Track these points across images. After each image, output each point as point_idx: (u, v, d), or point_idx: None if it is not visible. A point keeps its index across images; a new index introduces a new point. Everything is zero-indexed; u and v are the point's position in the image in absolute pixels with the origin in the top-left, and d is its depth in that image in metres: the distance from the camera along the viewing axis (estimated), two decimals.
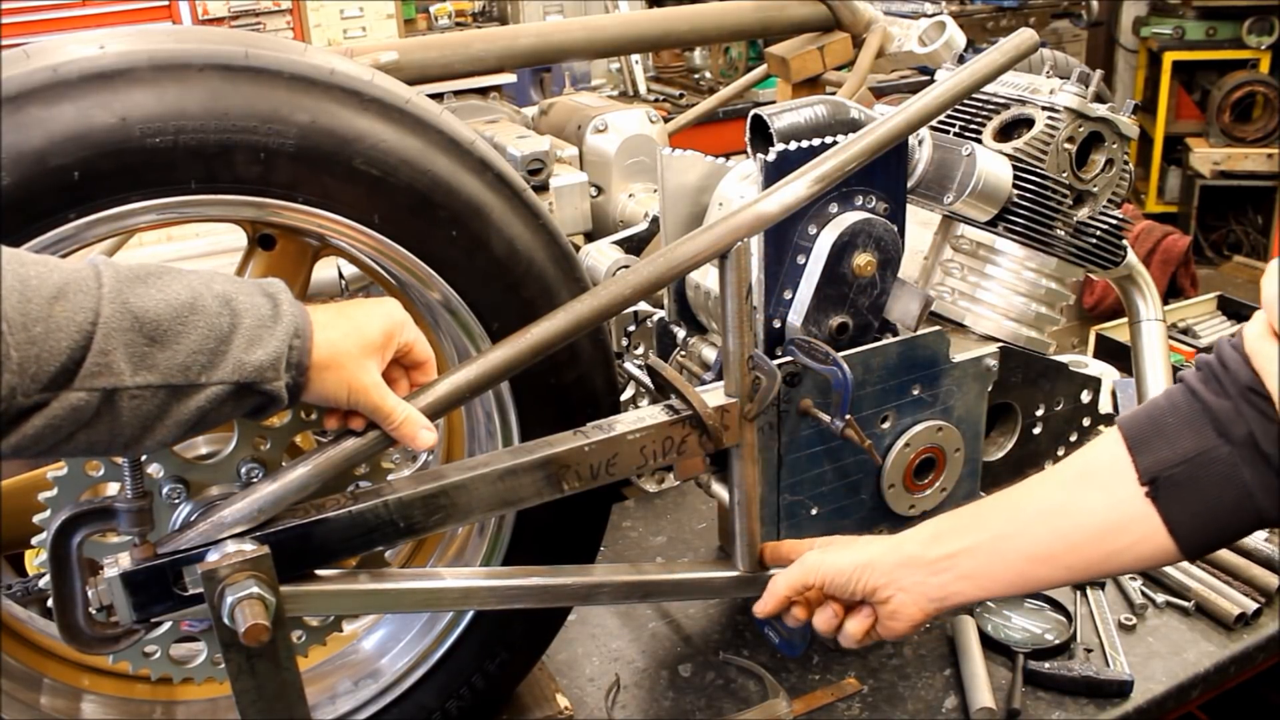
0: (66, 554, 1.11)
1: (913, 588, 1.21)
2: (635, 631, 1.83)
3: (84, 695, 1.43)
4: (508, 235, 1.30)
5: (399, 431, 1.12)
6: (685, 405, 1.29)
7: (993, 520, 1.19)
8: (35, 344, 0.87)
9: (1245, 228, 5.63)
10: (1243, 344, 1.00)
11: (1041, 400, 1.70)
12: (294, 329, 1.02)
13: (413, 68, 2.09)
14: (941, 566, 1.19)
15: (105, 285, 0.92)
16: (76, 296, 0.90)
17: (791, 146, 1.40)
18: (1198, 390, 1.04)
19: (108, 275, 0.93)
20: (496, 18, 5.68)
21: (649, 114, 2.19)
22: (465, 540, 1.53)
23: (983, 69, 1.39)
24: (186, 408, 0.96)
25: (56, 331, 0.88)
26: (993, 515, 1.19)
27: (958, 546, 1.19)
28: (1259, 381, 0.98)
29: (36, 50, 1.14)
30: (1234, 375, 1.00)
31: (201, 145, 1.13)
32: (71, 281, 0.91)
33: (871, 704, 1.64)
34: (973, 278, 1.68)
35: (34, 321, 0.87)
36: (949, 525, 1.23)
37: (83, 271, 0.93)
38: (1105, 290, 4.12)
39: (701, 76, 5.23)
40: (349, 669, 1.52)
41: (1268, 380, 0.96)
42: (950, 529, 1.22)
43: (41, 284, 0.89)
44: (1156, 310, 1.86)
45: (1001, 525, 1.17)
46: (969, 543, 1.18)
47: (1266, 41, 5.42)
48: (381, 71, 1.29)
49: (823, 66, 2.46)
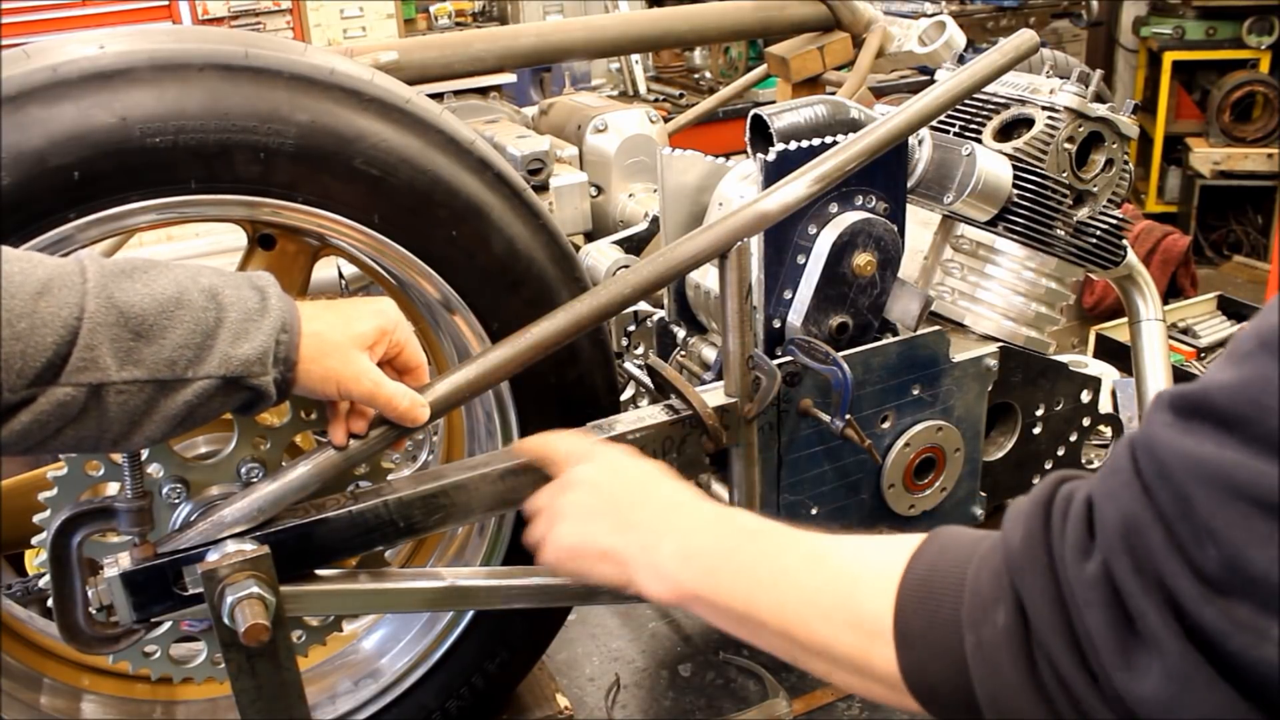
0: (66, 554, 1.11)
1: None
2: (635, 631, 1.83)
3: (84, 695, 1.43)
4: (508, 235, 1.30)
5: (400, 414, 1.10)
6: (685, 405, 1.30)
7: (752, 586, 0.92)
8: (20, 340, 0.86)
9: (1245, 228, 5.63)
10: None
11: (1041, 400, 1.70)
12: (281, 323, 1.01)
13: (413, 68, 2.09)
14: (675, 582, 0.97)
15: (90, 280, 0.92)
16: (61, 292, 0.90)
17: (791, 146, 1.40)
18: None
19: (92, 270, 0.93)
20: (496, 18, 5.67)
21: (649, 114, 2.19)
22: (465, 540, 1.53)
23: (983, 69, 1.39)
24: (174, 403, 0.96)
25: (41, 327, 0.88)
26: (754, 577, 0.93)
27: (699, 586, 0.95)
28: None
29: (36, 50, 1.14)
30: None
31: (201, 145, 1.13)
32: (56, 277, 0.91)
33: (871, 704, 1.64)
34: (973, 278, 1.68)
35: (18, 317, 0.87)
36: (703, 561, 0.96)
37: (67, 267, 0.92)
38: (1105, 290, 4.12)
39: (701, 76, 5.23)
40: (349, 669, 1.52)
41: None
42: (703, 566, 0.96)
43: (25, 280, 0.88)
44: (1156, 310, 1.86)
45: (754, 596, 0.91)
46: (711, 589, 0.94)
47: (1266, 41, 5.42)
48: (381, 71, 1.29)
49: (823, 66, 2.46)
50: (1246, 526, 0.55)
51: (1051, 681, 0.65)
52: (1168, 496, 0.59)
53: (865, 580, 0.82)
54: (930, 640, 0.76)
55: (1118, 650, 0.61)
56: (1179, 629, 0.58)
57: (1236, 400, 0.57)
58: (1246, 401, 0.57)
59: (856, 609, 0.82)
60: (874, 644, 0.80)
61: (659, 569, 0.98)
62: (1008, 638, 0.67)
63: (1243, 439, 0.56)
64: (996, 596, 0.69)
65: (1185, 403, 0.60)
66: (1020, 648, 0.67)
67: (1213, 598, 0.57)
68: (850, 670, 0.84)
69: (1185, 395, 0.61)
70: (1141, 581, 0.60)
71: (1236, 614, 0.56)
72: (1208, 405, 0.59)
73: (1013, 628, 0.67)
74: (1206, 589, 0.57)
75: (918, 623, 0.77)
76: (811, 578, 0.87)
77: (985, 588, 0.71)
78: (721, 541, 0.96)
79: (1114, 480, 0.63)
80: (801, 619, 0.86)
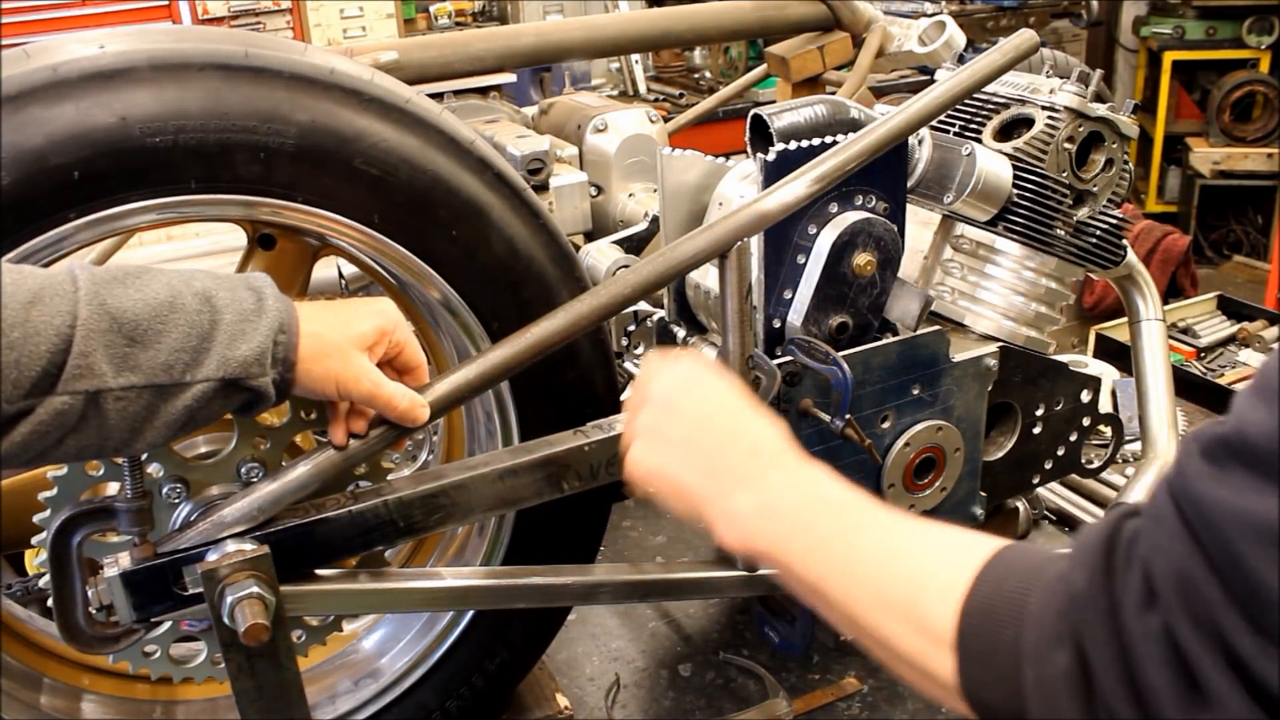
0: (66, 554, 1.11)
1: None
2: (635, 631, 1.83)
3: (84, 695, 1.43)
4: (508, 235, 1.30)
5: (399, 414, 1.10)
6: None
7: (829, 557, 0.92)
8: (13, 349, 0.86)
9: (1245, 227, 5.63)
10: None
11: (1041, 400, 1.70)
12: (279, 323, 1.01)
13: (413, 68, 2.09)
14: (749, 538, 0.97)
15: (81, 288, 0.92)
16: (53, 300, 0.90)
17: (791, 146, 1.40)
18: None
19: (84, 278, 0.93)
20: (496, 18, 5.67)
21: (649, 114, 2.19)
22: (465, 540, 1.53)
23: (983, 69, 1.39)
24: (174, 407, 0.96)
25: (34, 336, 0.88)
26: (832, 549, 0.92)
27: (772, 548, 0.95)
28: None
29: (36, 50, 1.14)
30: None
31: (201, 145, 1.13)
32: (47, 286, 0.91)
33: (871, 704, 1.64)
34: (973, 277, 1.68)
35: (11, 327, 0.86)
36: (779, 525, 0.95)
37: (58, 276, 0.92)
38: (1105, 290, 4.12)
39: (701, 76, 5.23)
40: (349, 669, 1.52)
41: None
42: (778, 530, 0.95)
43: (16, 290, 0.88)
44: (1156, 310, 1.86)
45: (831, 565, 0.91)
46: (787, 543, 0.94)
47: (1266, 41, 5.42)
48: (381, 71, 1.29)
49: (823, 66, 2.46)
50: None
51: None
52: (1218, 549, 0.58)
53: (933, 588, 0.82)
54: (990, 664, 0.76)
55: (1179, 705, 0.60)
56: (1240, 683, 0.58)
57: (1273, 442, 0.56)
58: None
59: (922, 614, 0.82)
60: (936, 650, 0.80)
61: (734, 520, 0.97)
62: (1068, 681, 0.67)
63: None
64: (1058, 636, 0.69)
65: (1221, 448, 0.59)
66: (1081, 692, 0.66)
67: (1272, 652, 0.56)
68: (910, 668, 0.85)
69: (1219, 439, 0.60)
70: (1201, 637, 0.59)
71: None
72: (1245, 450, 0.58)
73: (1074, 672, 0.67)
74: (1265, 642, 0.57)
75: (978, 644, 0.77)
76: (883, 570, 0.88)
77: (1048, 625, 0.70)
78: (800, 507, 0.95)
79: (1161, 533, 0.62)
80: (869, 610, 0.87)
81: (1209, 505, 0.59)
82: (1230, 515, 0.57)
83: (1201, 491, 0.59)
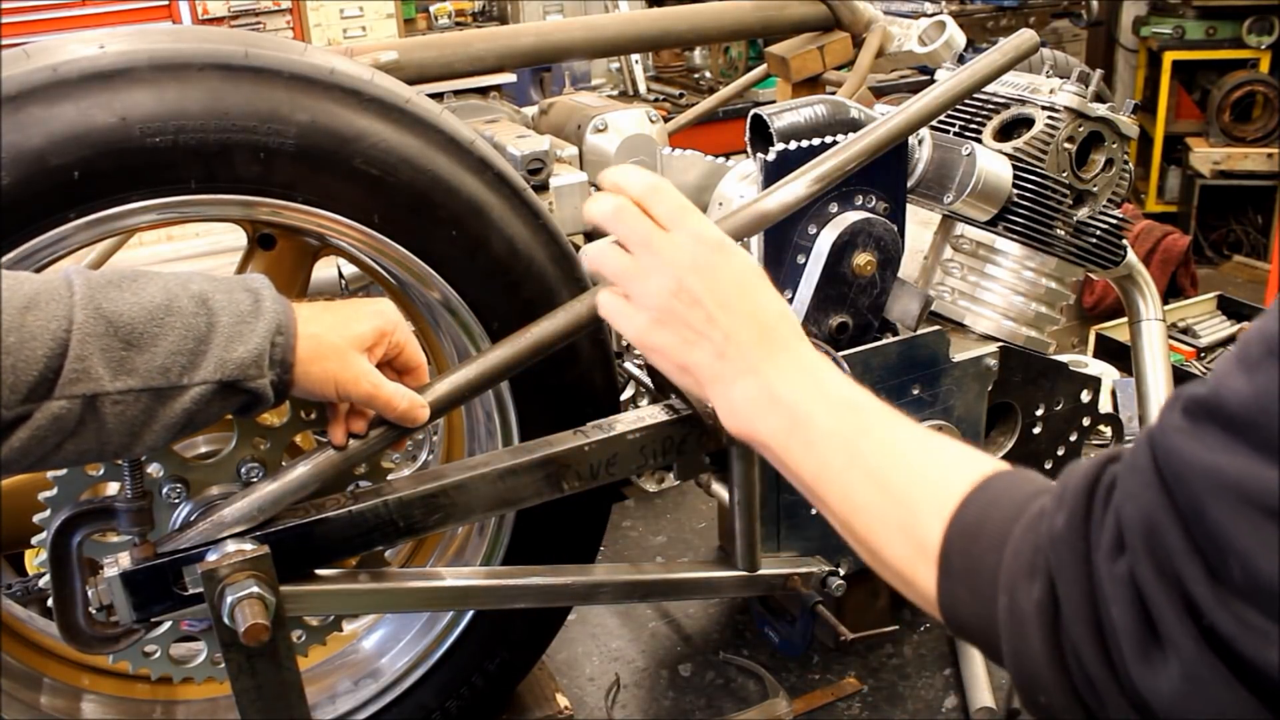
0: (66, 554, 1.11)
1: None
2: (635, 631, 1.83)
3: (84, 695, 1.43)
4: (508, 235, 1.30)
5: (399, 415, 1.10)
6: (685, 405, 1.29)
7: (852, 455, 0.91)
8: (10, 354, 0.86)
9: (1245, 227, 5.63)
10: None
11: (1041, 400, 1.70)
12: (276, 325, 1.01)
13: (413, 68, 2.09)
14: (749, 425, 0.95)
15: (77, 292, 0.92)
16: (48, 305, 0.90)
17: (791, 146, 1.40)
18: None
19: (79, 283, 0.93)
20: (496, 18, 5.67)
21: (649, 114, 2.18)
22: (465, 540, 1.53)
23: (983, 69, 1.39)
24: (172, 410, 0.96)
25: (30, 341, 0.88)
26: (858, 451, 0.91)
27: (771, 440, 0.95)
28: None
29: (36, 50, 1.14)
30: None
31: (201, 145, 1.13)
32: (43, 291, 0.91)
33: (871, 704, 1.64)
34: (973, 277, 1.68)
35: (7, 332, 0.87)
36: (780, 417, 0.94)
37: (53, 281, 0.92)
38: (1105, 290, 4.12)
39: (701, 76, 5.23)
40: (349, 669, 1.52)
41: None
42: (778, 423, 0.94)
43: (12, 296, 0.89)
44: (1156, 310, 1.86)
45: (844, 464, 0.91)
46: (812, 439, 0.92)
47: (1266, 41, 5.42)
48: (381, 71, 1.29)
49: (823, 66, 2.46)
50: (1256, 534, 0.57)
51: (1074, 663, 0.68)
52: (1184, 501, 0.61)
53: (926, 500, 0.84)
54: (968, 584, 0.79)
55: (1138, 647, 0.63)
56: (1196, 631, 0.60)
57: (1248, 408, 0.58)
58: (1258, 410, 0.58)
59: (913, 524, 0.84)
60: (920, 561, 0.83)
61: (735, 407, 0.96)
62: (1038, 612, 0.70)
63: (1252, 446, 0.58)
64: (1033, 569, 0.72)
65: (1199, 407, 0.62)
66: (1049, 625, 0.69)
67: (1227, 600, 0.58)
68: (895, 576, 0.87)
69: (1199, 399, 0.62)
70: (1162, 583, 0.62)
71: (1247, 617, 0.58)
72: (1220, 412, 0.60)
73: (1044, 604, 0.70)
74: (1221, 592, 0.59)
75: (960, 563, 0.80)
76: (881, 477, 0.89)
77: (1024, 557, 0.73)
78: (802, 401, 0.94)
79: (1135, 481, 0.65)
80: (861, 514, 0.89)
81: (1181, 459, 0.61)
82: (1199, 469, 0.60)
83: (1176, 445, 0.62)
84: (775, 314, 1.00)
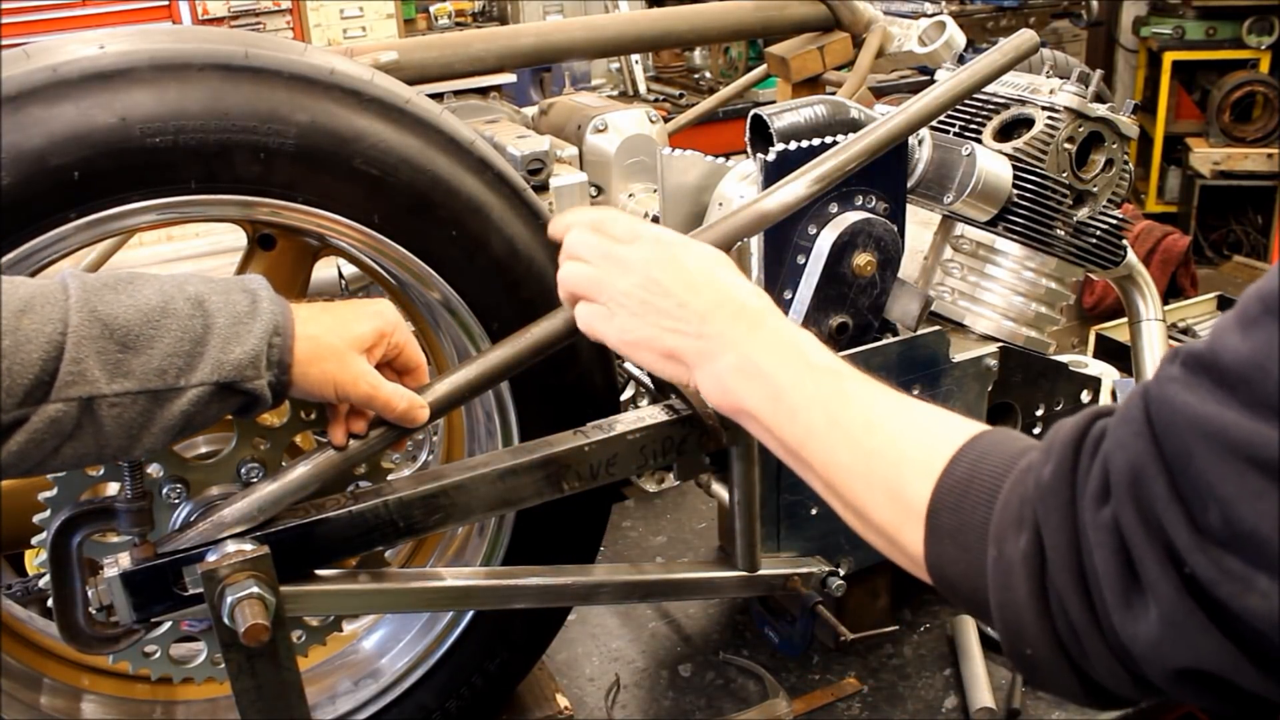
0: (66, 554, 1.11)
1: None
2: (635, 631, 1.83)
3: (84, 695, 1.43)
4: (508, 235, 1.30)
5: (398, 415, 1.10)
6: (685, 405, 1.30)
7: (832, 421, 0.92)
8: (5, 358, 0.87)
9: (1245, 228, 5.64)
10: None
11: (1041, 400, 1.70)
12: (273, 325, 1.01)
13: (413, 68, 2.09)
14: (734, 397, 0.97)
15: (72, 295, 0.92)
16: (44, 308, 0.90)
17: (791, 146, 1.40)
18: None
19: (74, 286, 0.93)
20: (496, 18, 5.68)
21: (649, 114, 2.18)
22: (465, 540, 1.53)
23: (983, 69, 1.39)
24: (170, 412, 0.96)
25: (26, 344, 0.88)
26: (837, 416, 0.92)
27: (756, 409, 0.96)
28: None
29: (36, 50, 1.14)
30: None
31: (201, 145, 1.13)
32: (38, 295, 0.91)
33: (871, 704, 1.64)
34: (973, 278, 1.68)
35: (1, 335, 0.87)
36: (762, 386, 0.96)
37: (48, 285, 0.93)
38: (1105, 290, 4.12)
39: (701, 76, 5.23)
40: (349, 669, 1.52)
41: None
42: (761, 391, 0.95)
43: (8, 299, 0.89)
44: (1156, 310, 1.86)
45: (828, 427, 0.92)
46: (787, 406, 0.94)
47: (1266, 41, 5.42)
48: (381, 71, 1.29)
49: (823, 66, 2.46)
50: (1240, 483, 0.58)
51: (1058, 610, 0.70)
52: (1172, 449, 0.62)
53: (910, 461, 0.86)
54: (957, 541, 0.80)
55: (1120, 592, 0.65)
56: (1175, 576, 0.62)
57: (1243, 364, 0.60)
58: (1252, 366, 0.59)
59: (898, 485, 0.85)
60: (907, 522, 0.84)
61: (717, 380, 0.98)
62: (1024, 561, 0.72)
63: (1244, 400, 0.59)
64: (1020, 520, 0.73)
65: (1195, 361, 0.63)
66: (1034, 573, 0.71)
67: (1206, 547, 0.60)
68: (880, 537, 0.88)
69: (1196, 353, 0.64)
70: (1144, 529, 0.63)
71: (1226, 564, 0.59)
72: (1216, 367, 0.62)
73: (1030, 554, 0.71)
74: (1201, 539, 0.60)
75: (949, 521, 0.81)
76: (865, 439, 0.90)
77: (1013, 509, 0.75)
78: (784, 369, 0.96)
79: (1126, 430, 0.66)
80: (847, 478, 0.90)
81: (1173, 407, 0.63)
82: (1189, 417, 0.62)
83: (1169, 394, 0.64)
84: (747, 292, 1.02)
